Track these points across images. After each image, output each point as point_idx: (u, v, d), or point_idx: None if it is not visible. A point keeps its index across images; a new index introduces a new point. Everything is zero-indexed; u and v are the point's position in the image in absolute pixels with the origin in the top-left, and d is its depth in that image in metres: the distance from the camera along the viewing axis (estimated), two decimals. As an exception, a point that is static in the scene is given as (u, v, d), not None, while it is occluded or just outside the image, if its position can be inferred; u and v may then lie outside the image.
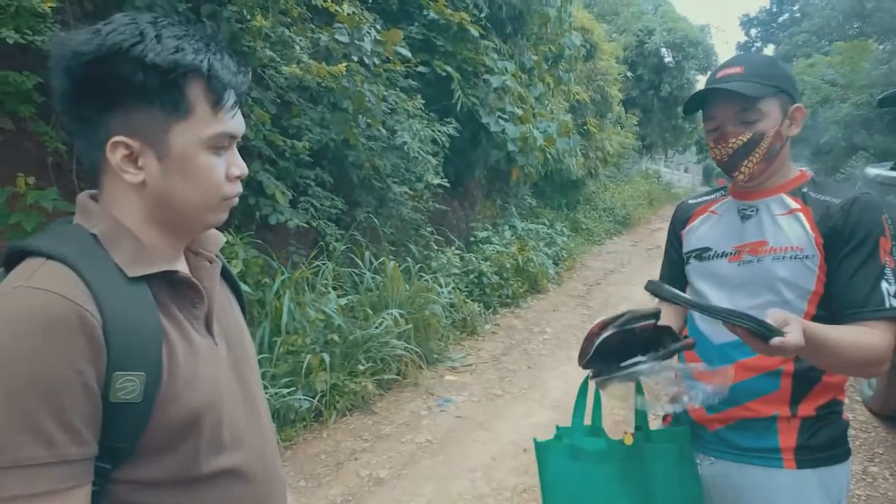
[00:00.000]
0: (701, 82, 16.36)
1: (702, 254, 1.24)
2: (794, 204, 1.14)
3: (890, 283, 1.04)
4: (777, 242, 1.12)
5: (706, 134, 1.20)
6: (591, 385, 1.16)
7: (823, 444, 1.12)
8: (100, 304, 0.62)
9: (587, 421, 1.22)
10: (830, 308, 1.09)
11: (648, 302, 1.23)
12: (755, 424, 1.12)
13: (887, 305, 1.02)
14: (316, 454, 2.94)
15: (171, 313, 0.71)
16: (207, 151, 0.70)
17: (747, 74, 1.12)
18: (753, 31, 30.03)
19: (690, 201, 1.37)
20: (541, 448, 1.21)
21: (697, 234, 1.28)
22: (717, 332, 1.17)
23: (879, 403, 3.34)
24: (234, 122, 0.72)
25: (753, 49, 29.31)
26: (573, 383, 3.91)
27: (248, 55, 3.19)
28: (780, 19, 29.23)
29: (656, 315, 1.06)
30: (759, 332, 0.88)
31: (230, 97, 0.71)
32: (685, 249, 1.30)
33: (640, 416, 1.18)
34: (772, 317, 0.90)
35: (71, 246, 0.65)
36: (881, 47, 17.10)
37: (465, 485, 2.71)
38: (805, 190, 1.15)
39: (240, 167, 0.75)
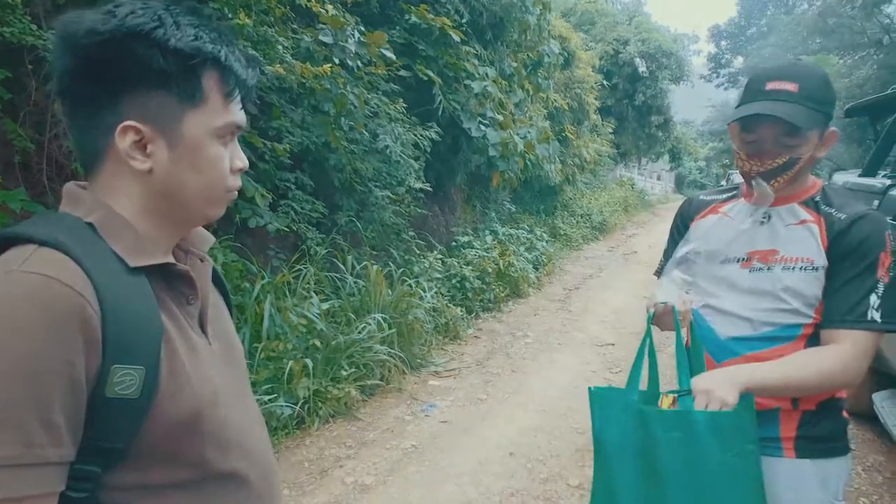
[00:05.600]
0: (674, 91, 16.67)
1: (712, 255, 1.25)
2: (806, 215, 1.15)
3: (878, 297, 1.06)
4: (788, 252, 1.13)
5: (739, 144, 1.16)
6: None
7: (823, 436, 1.14)
8: (99, 293, 0.58)
9: (642, 386, 1.19)
10: None
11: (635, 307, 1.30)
12: (758, 415, 1.13)
13: (868, 317, 1.05)
14: (299, 462, 2.86)
15: (169, 308, 0.68)
16: (216, 142, 0.69)
17: (801, 97, 1.07)
18: (723, 43, 30.84)
19: (702, 197, 1.38)
20: (598, 397, 1.15)
21: (708, 234, 1.28)
22: (723, 327, 1.18)
23: (851, 402, 3.42)
24: (241, 114, 0.72)
25: (728, 61, 30.09)
26: (557, 387, 3.95)
27: None
28: (748, 32, 30.13)
29: None
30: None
31: (240, 89, 0.71)
32: (694, 244, 1.30)
33: (685, 380, 1.13)
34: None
35: (66, 232, 0.61)
36: (841, 61, 17.78)
37: (453, 490, 2.67)
38: (817, 199, 1.16)
39: (242, 160, 0.74)
